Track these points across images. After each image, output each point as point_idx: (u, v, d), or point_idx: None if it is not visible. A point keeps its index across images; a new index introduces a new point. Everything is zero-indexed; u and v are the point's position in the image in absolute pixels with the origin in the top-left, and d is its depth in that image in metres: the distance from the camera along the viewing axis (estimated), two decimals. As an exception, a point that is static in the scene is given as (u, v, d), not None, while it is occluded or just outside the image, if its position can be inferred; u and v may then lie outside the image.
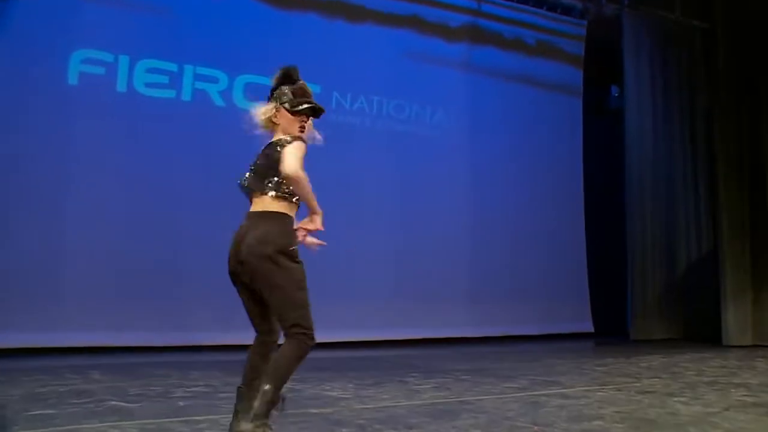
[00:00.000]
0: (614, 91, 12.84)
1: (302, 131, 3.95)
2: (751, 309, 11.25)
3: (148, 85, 9.75)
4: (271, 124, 3.99)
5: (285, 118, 3.96)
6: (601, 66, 13.10)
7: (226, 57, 10.22)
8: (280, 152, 3.71)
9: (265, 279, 3.63)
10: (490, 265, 11.88)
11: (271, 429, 3.59)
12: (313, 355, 3.81)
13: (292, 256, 3.68)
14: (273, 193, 3.73)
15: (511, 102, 12.45)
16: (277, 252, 3.62)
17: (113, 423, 4.59)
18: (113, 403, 5.32)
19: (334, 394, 6.17)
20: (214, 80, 10.19)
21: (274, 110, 3.97)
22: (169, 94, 9.89)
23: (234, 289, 3.86)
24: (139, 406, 5.24)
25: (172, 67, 9.92)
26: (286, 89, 4.01)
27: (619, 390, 6.46)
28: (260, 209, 3.75)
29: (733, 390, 6.41)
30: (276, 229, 3.69)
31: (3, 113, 8.83)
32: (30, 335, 8.58)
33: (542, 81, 12.85)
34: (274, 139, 3.93)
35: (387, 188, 11.17)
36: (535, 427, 4.77)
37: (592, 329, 12.73)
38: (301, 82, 4.09)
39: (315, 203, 3.80)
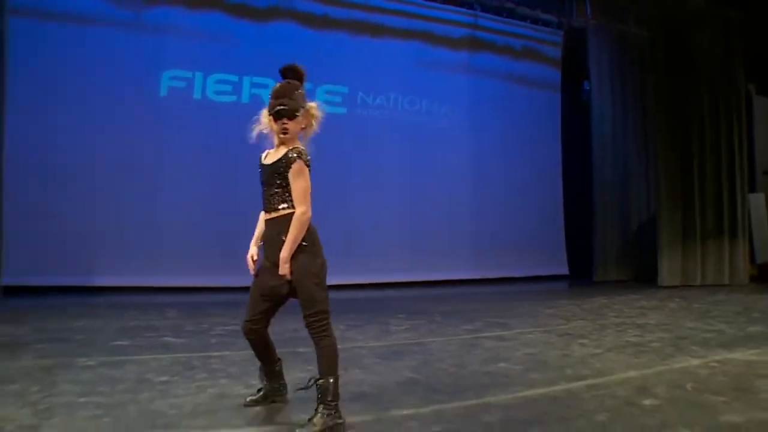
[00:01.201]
0: (586, 85, 13.26)
1: (284, 134, 3.62)
2: (681, 257, 11.85)
3: (216, 92, 10.96)
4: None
5: (271, 124, 3.67)
6: (575, 67, 13.53)
7: (275, 68, 11.25)
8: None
9: None
10: (486, 222, 12.63)
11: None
12: (336, 296, 3.90)
13: None
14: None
15: (502, 96, 13.05)
16: None
17: (156, 355, 5.35)
18: (166, 339, 6.10)
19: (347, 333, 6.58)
20: (266, 86, 11.29)
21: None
22: (232, 98, 11.05)
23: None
24: (181, 342, 5.96)
25: (234, 78, 11.07)
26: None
27: (546, 332, 6.66)
28: None
29: (630, 331, 6.67)
30: None
31: (116, 117, 10.11)
32: (140, 277, 10.08)
33: (528, 80, 13.42)
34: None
35: (402, 165, 12.04)
36: (449, 370, 4.90)
37: (567, 272, 13.45)
38: (276, 84, 3.78)
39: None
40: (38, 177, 9.66)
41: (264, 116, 3.75)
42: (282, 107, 3.59)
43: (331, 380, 3.44)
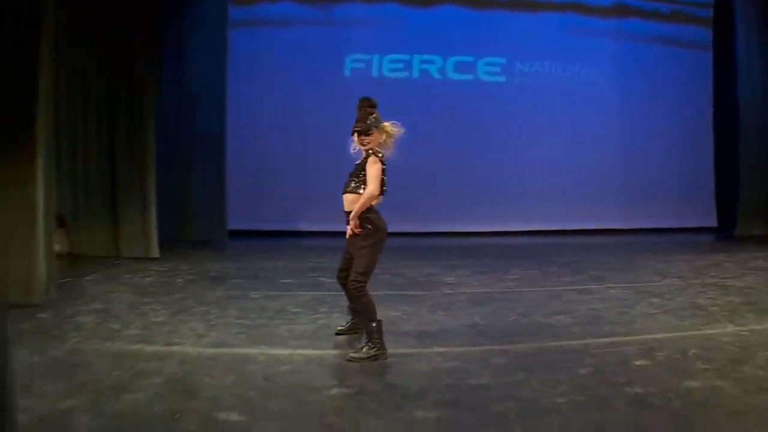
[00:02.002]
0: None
1: (364, 145, 4.31)
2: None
3: (391, 70, 11.78)
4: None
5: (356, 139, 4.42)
6: (727, 23, 12.08)
7: (439, 46, 11.81)
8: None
9: None
10: (635, 175, 12.20)
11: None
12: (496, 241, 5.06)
13: None
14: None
15: (650, 58, 12.32)
16: None
17: (304, 292, 6.28)
18: (321, 279, 6.86)
19: (449, 279, 7.18)
20: (432, 62, 11.89)
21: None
22: (404, 74, 11.81)
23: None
24: (330, 282, 5.99)
25: (406, 57, 11.79)
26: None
27: (630, 288, 6.55)
28: None
29: (709, 293, 6.30)
30: None
31: (312, 94, 11.26)
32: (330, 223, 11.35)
33: (676, 41, 12.46)
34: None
35: (556, 125, 11.98)
36: (510, 318, 5.24)
37: (716, 225, 12.53)
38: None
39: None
40: (255, 144, 11.20)
41: (389, 126, 4.52)
42: (357, 129, 4.38)
43: (373, 325, 4.16)
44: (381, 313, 4.30)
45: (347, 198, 4.35)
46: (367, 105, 4.52)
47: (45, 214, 5.84)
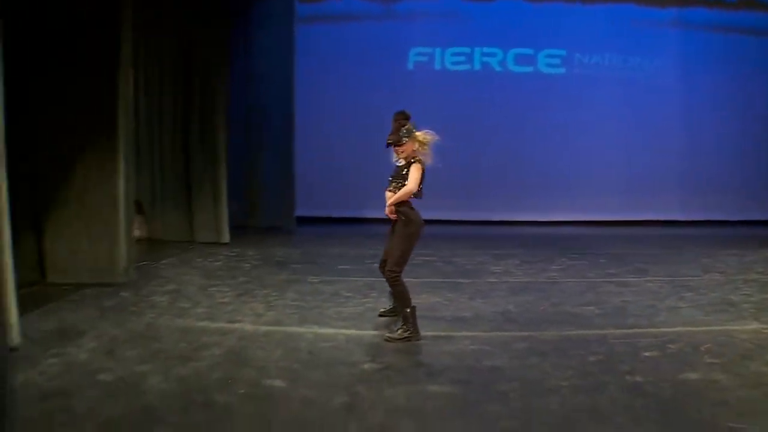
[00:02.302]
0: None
1: (399, 154, 4.82)
2: None
3: (453, 63, 12.24)
4: None
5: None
6: None
7: (501, 38, 12.14)
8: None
9: None
10: (697, 166, 12.28)
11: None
12: (541, 231, 6.77)
13: None
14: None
15: (713, 46, 12.27)
16: None
17: (359, 278, 6.79)
18: (376, 265, 7.69)
19: (496, 268, 7.62)
20: (494, 55, 12.24)
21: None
22: (466, 67, 12.24)
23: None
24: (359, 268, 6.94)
25: (467, 50, 12.21)
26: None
27: (667, 282, 6.77)
28: None
29: (745, 289, 6.42)
30: None
31: (376, 87, 11.90)
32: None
33: (740, 28, 12.32)
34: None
35: (616, 116, 12.20)
36: (541, 308, 5.59)
37: None
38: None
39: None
40: (321, 134, 11.90)
41: (421, 135, 4.89)
42: (388, 141, 4.84)
43: (408, 310, 4.71)
44: (423, 299, 4.85)
45: (389, 196, 4.86)
46: (401, 117, 4.84)
47: (126, 204, 6.64)
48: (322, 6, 12.13)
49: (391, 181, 4.88)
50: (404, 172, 4.78)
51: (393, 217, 4.81)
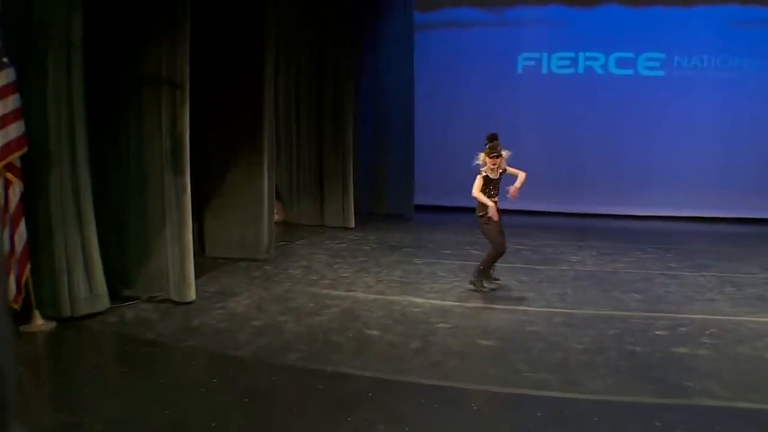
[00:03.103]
0: None
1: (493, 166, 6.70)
2: None
3: (558, 67, 13.45)
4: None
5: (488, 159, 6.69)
6: None
7: (602, 43, 13.20)
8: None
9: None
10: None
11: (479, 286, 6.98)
12: (632, 225, 9.25)
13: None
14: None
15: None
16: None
17: (453, 261, 8.45)
18: (472, 251, 9.47)
19: (574, 258, 8.99)
20: (596, 59, 13.32)
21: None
22: (570, 71, 13.41)
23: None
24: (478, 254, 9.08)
25: (572, 54, 13.36)
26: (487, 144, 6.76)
27: (715, 276, 7.82)
28: None
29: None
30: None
31: (489, 89, 13.43)
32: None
33: None
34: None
35: (714, 117, 12.79)
36: (593, 291, 7.27)
37: None
38: (493, 143, 6.75)
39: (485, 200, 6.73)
40: (438, 131, 13.60)
41: (483, 158, 6.82)
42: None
43: (481, 267, 6.74)
44: (502, 281, 6.75)
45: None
46: (495, 138, 6.90)
47: (268, 196, 8.69)
48: (438, 14, 13.74)
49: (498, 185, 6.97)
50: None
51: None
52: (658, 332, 5.83)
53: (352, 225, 11.44)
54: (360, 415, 4.08)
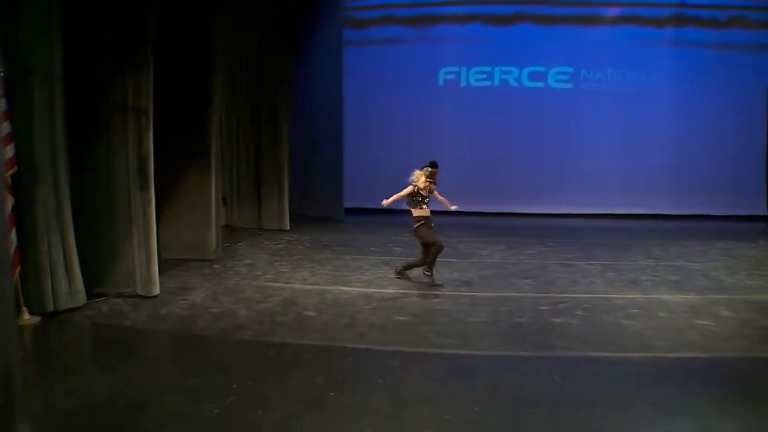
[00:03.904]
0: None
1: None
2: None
3: (476, 80, 15.37)
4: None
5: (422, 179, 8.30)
6: None
7: (516, 59, 15.15)
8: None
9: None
10: (689, 167, 14.89)
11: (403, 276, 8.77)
12: (544, 222, 11.11)
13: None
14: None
15: (706, 61, 14.82)
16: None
17: (381, 257, 10.19)
18: (395, 248, 11.04)
19: (485, 251, 10.76)
20: (511, 73, 15.26)
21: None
22: (487, 83, 15.34)
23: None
24: (399, 250, 10.52)
25: (488, 69, 15.31)
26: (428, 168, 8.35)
27: (606, 266, 9.53)
28: None
29: (667, 274, 9.31)
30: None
31: (412, 101, 15.22)
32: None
33: (732, 45, 14.80)
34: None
35: (616, 124, 15.01)
36: (494, 278, 9.35)
37: (765, 212, 14.90)
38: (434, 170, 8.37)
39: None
40: (366, 139, 15.24)
41: (419, 176, 8.44)
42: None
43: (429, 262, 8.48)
44: (419, 272, 8.31)
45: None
46: (434, 164, 8.49)
47: (215, 204, 10.10)
48: (367, 32, 15.43)
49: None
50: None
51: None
52: (542, 308, 7.53)
53: (288, 227, 12.92)
54: (303, 371, 5.59)
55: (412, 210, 8.53)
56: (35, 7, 6.77)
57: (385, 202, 8.64)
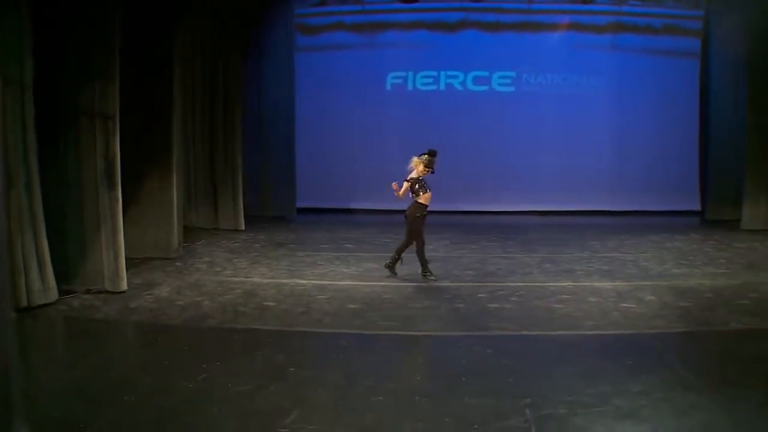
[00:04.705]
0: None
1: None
2: (765, 204, 13.47)
3: (423, 84, 16.36)
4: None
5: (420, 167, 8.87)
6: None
7: (461, 63, 16.18)
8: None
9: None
10: (626, 164, 16.07)
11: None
12: (490, 220, 12.41)
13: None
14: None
15: (642, 66, 16.05)
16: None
17: (333, 253, 10.91)
18: (347, 245, 11.85)
19: (430, 247, 11.08)
20: (456, 77, 16.29)
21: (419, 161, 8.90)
22: (433, 87, 16.35)
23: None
24: (350, 246, 11.53)
25: (434, 73, 16.32)
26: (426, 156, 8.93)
27: (544, 258, 10.49)
28: None
29: (599, 264, 10.68)
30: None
31: (361, 104, 16.08)
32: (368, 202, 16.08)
33: (667, 51, 16.06)
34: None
35: (556, 124, 16.08)
36: (438, 270, 10.37)
37: (699, 208, 15.98)
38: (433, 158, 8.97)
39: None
40: (317, 142, 16.07)
41: (418, 163, 9.07)
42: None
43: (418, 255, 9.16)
44: (369, 265, 9.20)
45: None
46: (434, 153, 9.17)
47: (177, 205, 10.82)
48: (318, 38, 16.28)
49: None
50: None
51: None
52: (480, 295, 8.50)
53: (243, 227, 13.67)
54: (265, 350, 6.43)
55: (419, 197, 9.05)
56: (6, 17, 7.41)
57: (399, 192, 9.15)
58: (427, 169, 9.01)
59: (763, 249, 11.52)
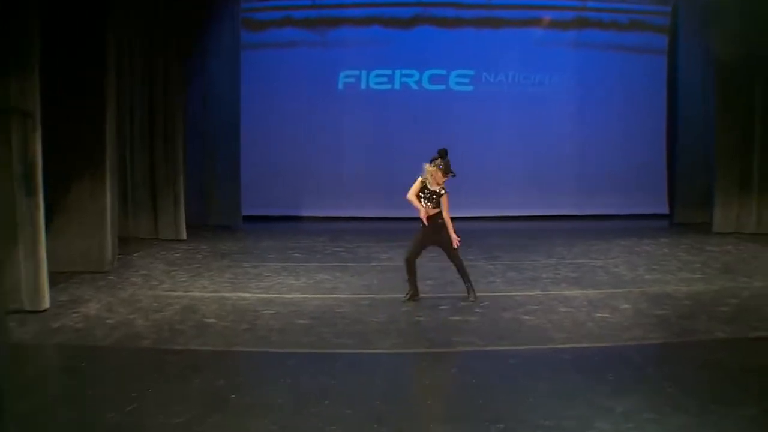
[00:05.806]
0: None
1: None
2: (737, 206, 13.39)
3: (377, 83, 15.90)
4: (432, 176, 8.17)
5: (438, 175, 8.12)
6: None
7: (417, 61, 15.79)
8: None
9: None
10: (590, 166, 15.82)
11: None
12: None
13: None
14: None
15: (608, 63, 15.88)
16: None
17: (283, 263, 10.41)
18: (295, 254, 11.31)
19: (384, 255, 11.10)
20: (411, 76, 15.90)
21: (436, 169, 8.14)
22: (387, 87, 15.92)
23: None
24: (302, 256, 11.00)
25: (388, 72, 15.88)
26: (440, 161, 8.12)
27: (502, 264, 10.32)
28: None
29: (563, 270, 9.96)
30: None
31: (312, 104, 15.56)
32: (327, 209, 15.57)
33: (633, 48, 15.91)
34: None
35: (517, 124, 15.75)
36: (392, 278, 9.88)
37: (667, 212, 15.73)
38: (447, 159, 8.21)
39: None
40: (264, 145, 15.47)
41: (434, 172, 8.33)
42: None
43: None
44: (320, 276, 8.71)
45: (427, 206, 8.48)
46: (445, 154, 8.55)
47: (111, 210, 10.13)
48: (264, 34, 15.67)
49: (430, 198, 8.49)
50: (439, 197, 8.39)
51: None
52: (441, 307, 8.06)
53: (185, 237, 13.00)
54: (204, 375, 5.86)
55: (435, 208, 8.48)
56: None
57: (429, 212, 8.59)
58: (447, 175, 8.32)
59: (738, 252, 11.41)
